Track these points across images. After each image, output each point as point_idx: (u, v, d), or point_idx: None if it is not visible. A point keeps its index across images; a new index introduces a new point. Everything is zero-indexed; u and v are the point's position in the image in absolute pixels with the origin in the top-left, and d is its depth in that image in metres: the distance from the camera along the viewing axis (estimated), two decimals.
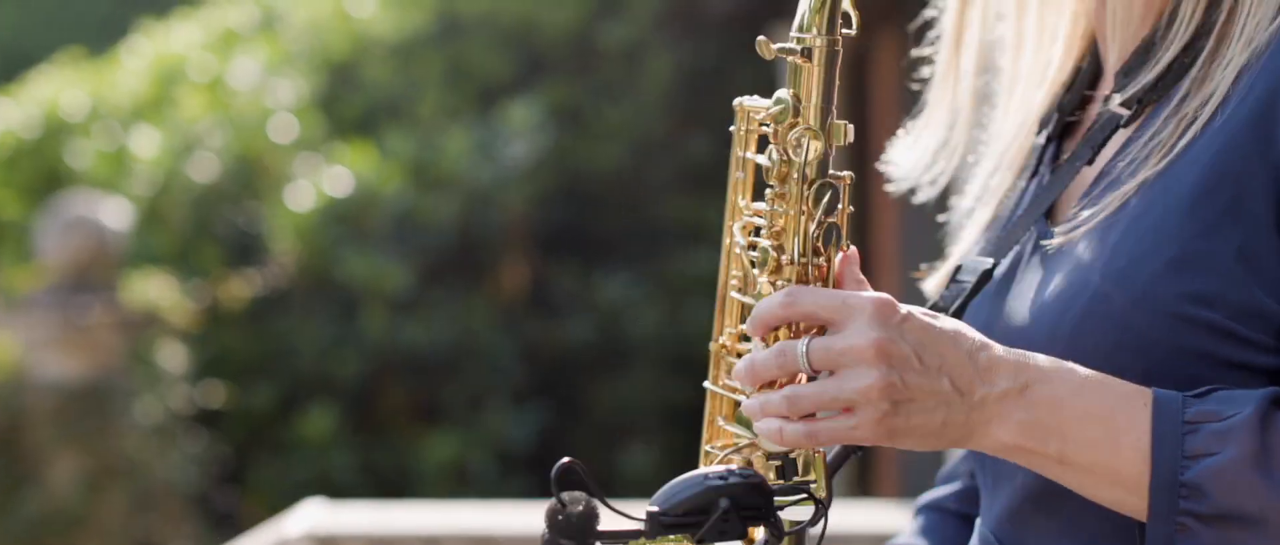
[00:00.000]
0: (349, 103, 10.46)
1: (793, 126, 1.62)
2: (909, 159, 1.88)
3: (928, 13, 1.88)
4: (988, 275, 1.71)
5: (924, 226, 8.60)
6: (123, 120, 10.52)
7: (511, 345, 9.83)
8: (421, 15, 10.60)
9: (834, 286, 1.63)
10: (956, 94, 1.86)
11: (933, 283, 1.85)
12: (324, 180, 9.78)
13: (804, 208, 1.61)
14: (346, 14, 10.73)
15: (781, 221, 1.62)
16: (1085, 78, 1.80)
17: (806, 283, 1.61)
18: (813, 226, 1.61)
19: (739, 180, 1.70)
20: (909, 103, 8.07)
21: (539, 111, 10.04)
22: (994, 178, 1.85)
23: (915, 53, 1.89)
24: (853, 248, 1.64)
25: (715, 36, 10.57)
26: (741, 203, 1.69)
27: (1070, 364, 1.58)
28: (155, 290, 9.12)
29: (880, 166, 1.76)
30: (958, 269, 1.75)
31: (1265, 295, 1.55)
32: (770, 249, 1.62)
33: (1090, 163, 1.69)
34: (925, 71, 1.89)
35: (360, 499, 9.43)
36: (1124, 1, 1.71)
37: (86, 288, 8.58)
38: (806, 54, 1.63)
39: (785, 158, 1.62)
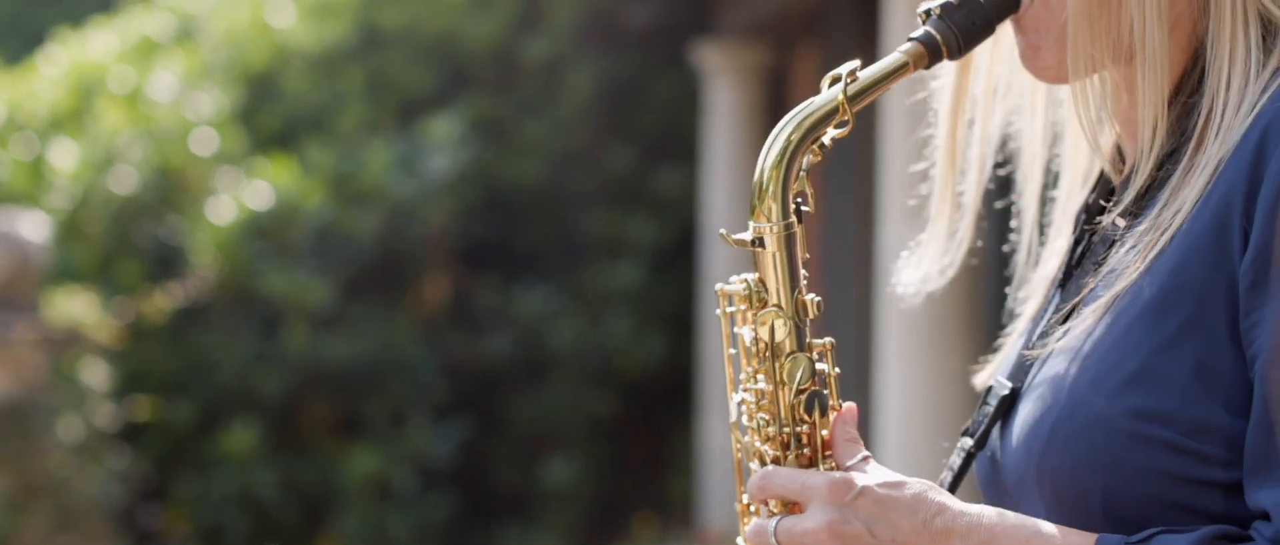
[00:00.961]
0: (269, 115, 10.44)
1: (763, 306, 1.68)
2: (916, 276, 1.93)
3: (924, 131, 1.92)
4: (1006, 402, 1.75)
5: (843, 227, 8.58)
6: (40, 131, 10.47)
7: (433, 359, 9.85)
8: (341, 27, 10.60)
9: (823, 448, 1.71)
10: (954, 208, 1.90)
11: (982, 376, 1.90)
12: (245, 194, 9.76)
13: (781, 380, 1.69)
14: (266, 25, 10.71)
15: (768, 395, 1.70)
16: (1108, 182, 1.82)
17: (788, 450, 1.70)
18: (791, 397, 1.69)
19: (732, 356, 1.76)
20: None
21: (460, 125, 10.06)
22: (1041, 272, 1.90)
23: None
24: (849, 405, 1.72)
25: (635, 50, 10.62)
26: (739, 376, 1.76)
27: (1025, 519, 1.63)
28: (78, 307, 9.08)
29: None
30: (987, 392, 1.79)
31: (1221, 409, 1.57)
32: (760, 421, 1.69)
33: (1094, 276, 1.72)
34: (923, 187, 1.93)
35: (283, 513, 9.45)
36: (1129, 117, 1.73)
37: (9, 305, 8.53)
38: (760, 242, 1.68)
39: (758, 337, 1.69)
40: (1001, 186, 2.01)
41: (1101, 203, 1.79)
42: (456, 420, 9.81)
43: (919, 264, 1.93)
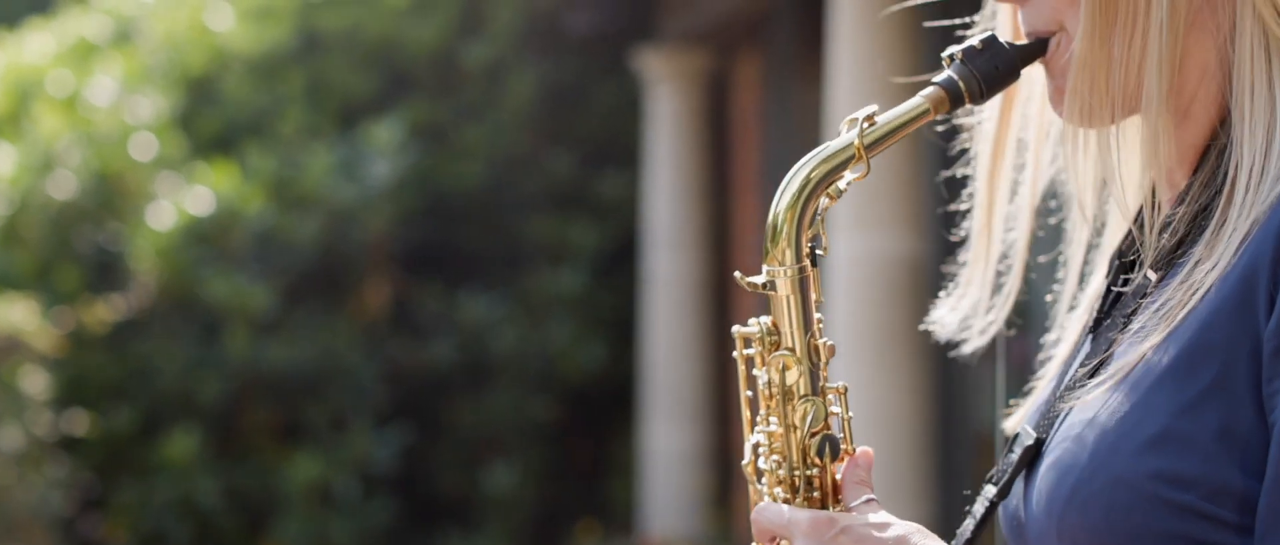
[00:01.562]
0: (208, 119, 10.39)
1: (775, 349, 1.69)
2: (953, 319, 1.91)
3: (962, 169, 1.91)
4: (1030, 452, 1.73)
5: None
6: None
7: (374, 365, 9.83)
8: (281, 31, 10.55)
9: (834, 491, 1.71)
10: (991, 254, 1.89)
11: (1012, 420, 1.89)
12: (185, 199, 9.71)
13: (793, 423, 1.70)
14: (205, 27, 10.65)
15: (780, 437, 1.72)
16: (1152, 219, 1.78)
17: (798, 492, 1.71)
18: (803, 439, 1.70)
19: (748, 398, 1.76)
20: (769, 119, 8.22)
21: (401, 130, 10.04)
22: (1073, 317, 1.89)
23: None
24: (863, 450, 1.71)
25: (577, 55, 10.61)
26: (757, 418, 1.76)
27: None
28: (17, 314, 9.02)
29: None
30: (1014, 439, 1.78)
31: (1239, 473, 1.56)
32: (773, 463, 1.71)
33: (1123, 330, 1.69)
34: (963, 228, 1.92)
35: (224, 520, 9.41)
36: (1168, 167, 1.71)
37: None
38: (772, 286, 1.69)
39: (771, 380, 1.70)
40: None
41: (1131, 253, 1.77)
42: (398, 426, 9.79)
43: (957, 307, 1.91)
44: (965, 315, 1.91)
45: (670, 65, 9.89)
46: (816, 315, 1.71)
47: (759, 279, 1.71)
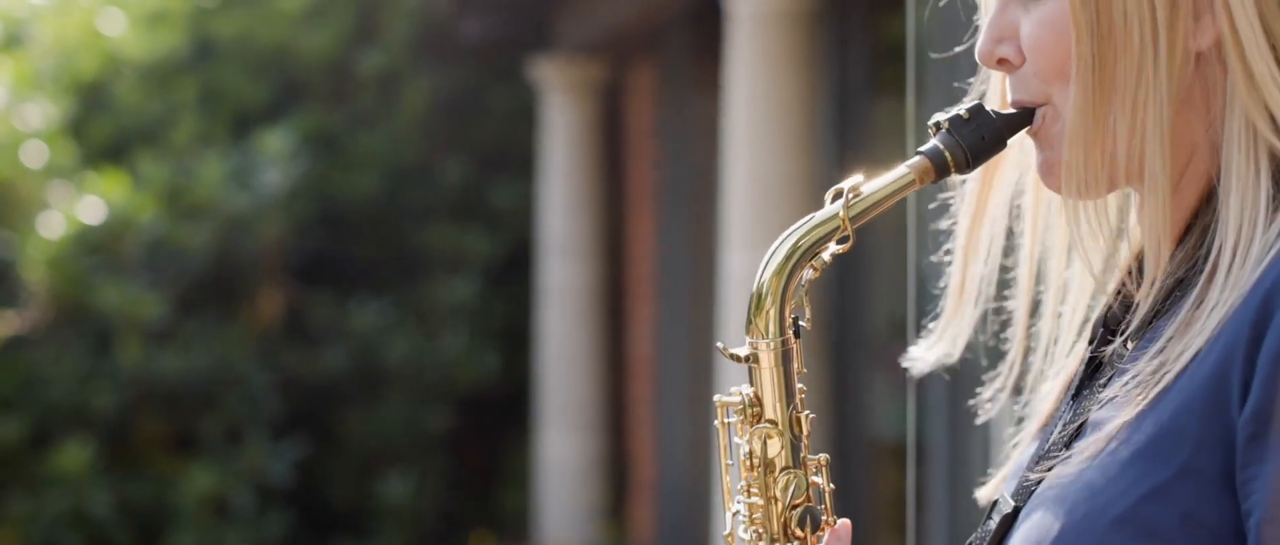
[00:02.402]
0: (100, 126, 10.31)
1: (757, 421, 1.70)
2: (930, 356, 1.92)
3: (943, 223, 1.91)
4: (1007, 521, 1.71)
5: (679, 244, 8.66)
6: None
7: (268, 375, 9.79)
8: (174, 37, 10.49)
9: None
10: (961, 311, 1.89)
11: (990, 487, 1.90)
12: (76, 207, 9.64)
13: (774, 495, 1.70)
14: (97, 33, 10.57)
15: (761, 509, 1.72)
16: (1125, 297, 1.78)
17: None
18: (783, 511, 1.71)
19: (728, 467, 1.76)
20: (664, 130, 8.24)
21: (295, 138, 10.00)
22: (1047, 386, 1.89)
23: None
24: (843, 521, 1.72)
25: (470, 63, 10.61)
26: (735, 487, 1.77)
27: None
28: None
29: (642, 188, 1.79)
30: (993, 506, 1.79)
31: None
32: (753, 534, 1.72)
33: (1097, 399, 1.68)
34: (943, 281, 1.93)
35: (118, 532, 9.34)
36: (1151, 238, 1.69)
37: None
38: (755, 359, 1.69)
39: (752, 451, 1.71)
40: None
41: (1114, 319, 1.76)
42: (292, 437, 9.75)
43: (934, 347, 1.92)
44: (938, 356, 1.92)
45: (565, 75, 9.90)
46: (799, 387, 1.72)
47: (742, 351, 1.71)
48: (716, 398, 1.74)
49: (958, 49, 1.91)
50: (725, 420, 1.74)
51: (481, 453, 10.51)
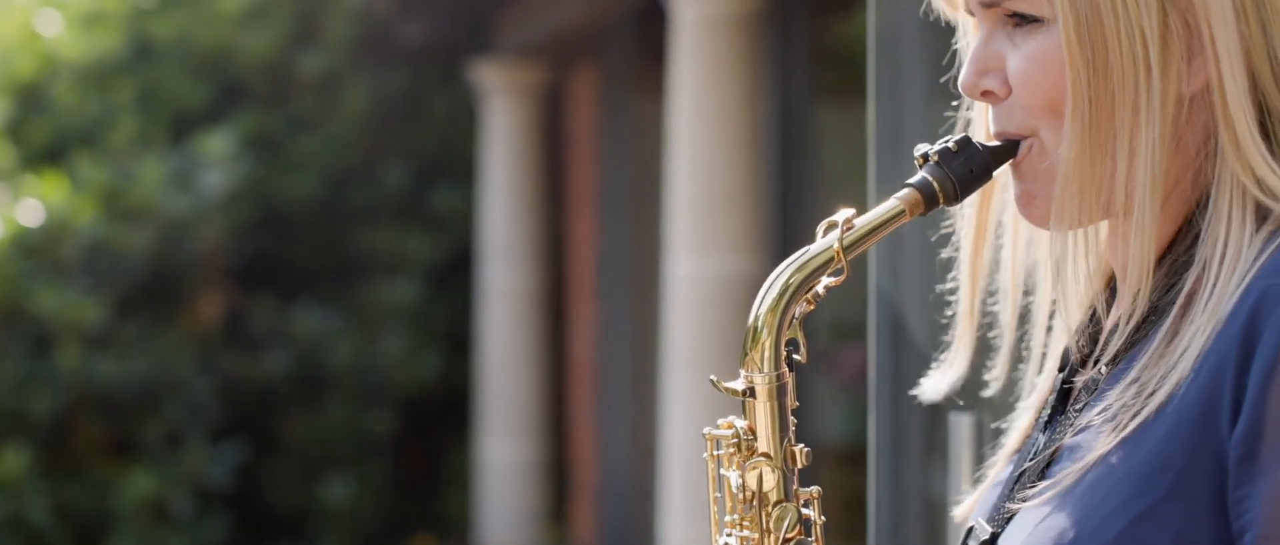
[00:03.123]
0: (38, 128, 10.25)
1: (751, 455, 1.71)
2: (941, 387, 1.92)
3: (945, 252, 1.91)
4: None
5: (620, 247, 8.64)
6: None
7: (208, 379, 9.75)
8: (112, 38, 10.43)
9: None
10: (973, 336, 1.89)
11: (963, 508, 1.90)
12: (14, 210, 9.58)
13: (767, 528, 1.71)
14: (34, 33, 10.50)
15: (754, 542, 1.73)
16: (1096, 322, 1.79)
17: None
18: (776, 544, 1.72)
19: (718, 498, 1.76)
20: (605, 133, 8.21)
21: (235, 141, 9.95)
22: (1023, 404, 1.89)
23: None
24: None
25: (410, 66, 10.59)
26: (725, 519, 1.76)
27: None
28: None
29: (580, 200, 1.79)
30: (969, 533, 1.79)
31: None
32: None
33: (1073, 426, 1.70)
34: (950, 310, 1.93)
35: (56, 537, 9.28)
36: (1125, 265, 1.71)
37: None
38: (751, 393, 1.69)
39: (746, 485, 1.71)
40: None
41: (1086, 345, 1.77)
42: (233, 441, 9.71)
43: (945, 376, 1.92)
44: (948, 388, 1.92)
45: (506, 78, 9.89)
46: (792, 420, 1.72)
47: (738, 385, 1.71)
48: (705, 430, 1.74)
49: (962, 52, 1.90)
50: (714, 453, 1.74)
51: (422, 456, 10.49)
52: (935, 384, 1.90)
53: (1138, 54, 1.63)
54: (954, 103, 1.91)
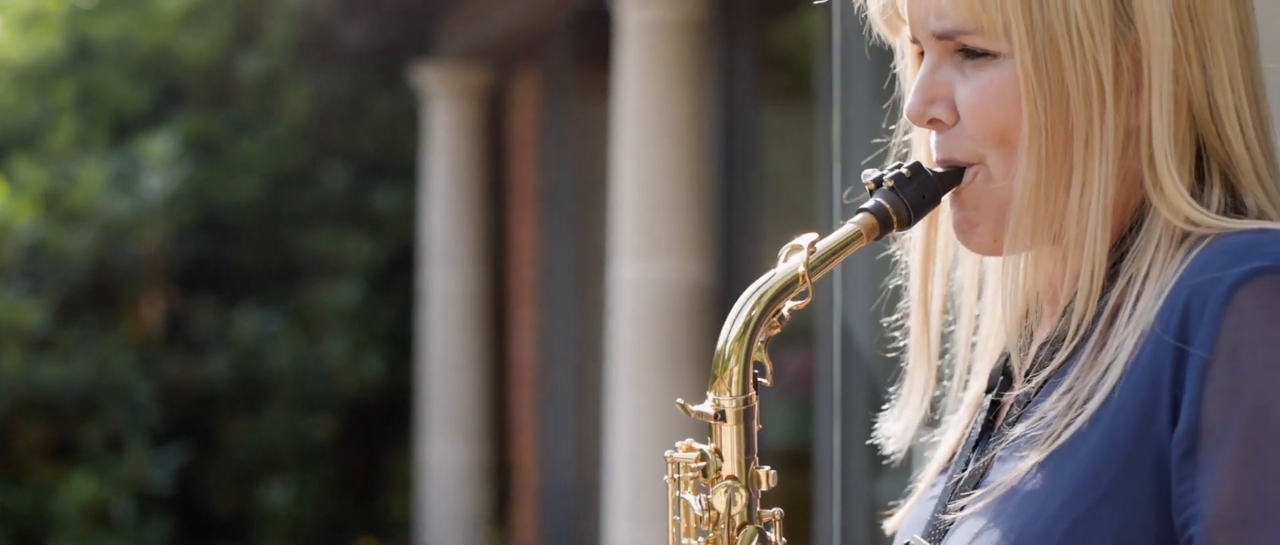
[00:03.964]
0: None
1: (717, 479, 1.72)
2: (898, 429, 1.94)
3: (895, 281, 1.94)
4: None
5: (562, 249, 8.61)
6: None
7: (149, 383, 9.71)
8: (51, 39, 10.39)
9: None
10: (932, 357, 1.92)
11: (892, 522, 1.92)
12: None
13: None
14: None
15: None
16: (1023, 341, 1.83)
17: None
18: None
19: (676, 522, 1.77)
20: (547, 136, 8.21)
21: (175, 143, 9.92)
22: (951, 420, 1.92)
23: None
24: None
25: (352, 68, 10.57)
26: (684, 542, 1.78)
27: None
28: None
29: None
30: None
31: None
32: None
33: (1007, 439, 1.73)
34: (902, 339, 1.95)
35: None
36: (1056, 286, 1.75)
37: None
38: (722, 416, 1.71)
39: (712, 507, 1.73)
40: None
41: (1011, 366, 1.80)
42: (174, 444, 9.68)
43: (901, 417, 1.94)
44: (908, 426, 1.94)
45: (448, 80, 9.89)
46: (756, 445, 1.74)
47: (706, 408, 1.73)
48: (667, 454, 1.77)
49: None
50: (675, 476, 1.76)
51: (364, 459, 10.48)
52: (892, 430, 1.93)
53: (1092, 88, 1.67)
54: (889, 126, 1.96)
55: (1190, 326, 1.60)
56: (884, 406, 1.97)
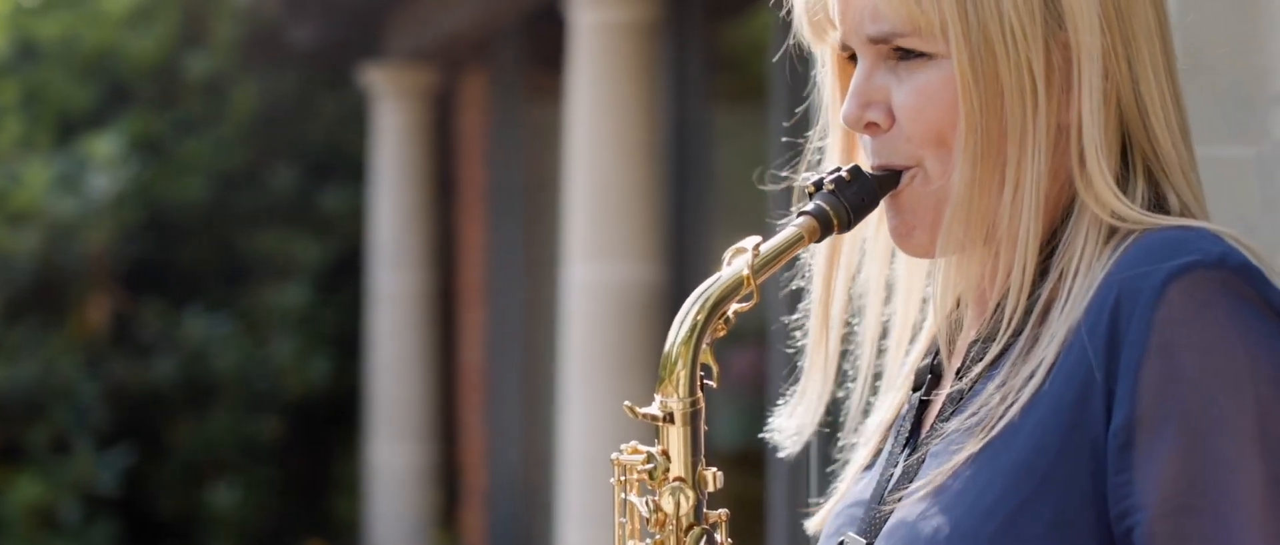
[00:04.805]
0: None
1: (664, 481, 1.73)
2: (792, 425, 1.96)
3: (796, 281, 1.95)
4: None
5: (510, 251, 8.60)
6: None
7: (96, 384, 9.66)
8: None
9: None
10: (829, 359, 1.94)
11: (814, 521, 1.94)
12: None
13: None
14: None
15: None
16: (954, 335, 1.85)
17: None
18: None
19: (622, 524, 1.78)
20: (494, 137, 8.22)
21: (121, 143, 9.87)
22: (872, 421, 1.93)
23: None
24: None
25: (299, 68, 10.54)
26: (629, 544, 1.79)
27: None
28: None
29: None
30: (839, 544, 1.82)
31: None
32: None
33: (939, 434, 1.75)
34: (799, 338, 1.96)
35: None
36: (983, 289, 1.77)
37: None
38: (670, 418, 1.72)
39: (659, 508, 1.73)
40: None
41: (938, 366, 1.83)
42: (120, 446, 9.63)
43: (794, 414, 1.96)
44: (802, 424, 1.96)
45: (396, 81, 9.87)
46: (703, 446, 1.75)
47: (654, 410, 1.74)
48: (613, 456, 1.78)
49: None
50: (621, 478, 1.77)
51: (311, 461, 10.45)
52: (784, 426, 1.95)
53: (1026, 86, 1.70)
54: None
55: (1121, 321, 1.63)
56: (780, 403, 1.99)
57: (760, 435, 1.99)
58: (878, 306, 1.91)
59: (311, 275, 10.23)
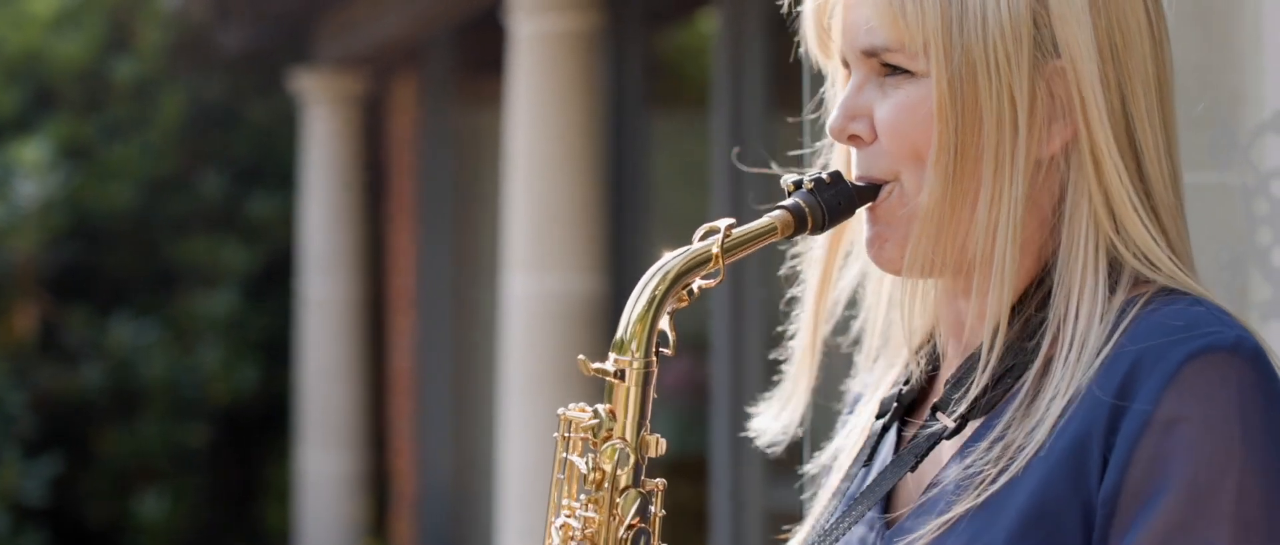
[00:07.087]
0: None
1: (608, 439, 1.73)
2: (775, 428, 1.96)
3: (791, 292, 1.96)
4: None
5: (440, 258, 8.60)
6: None
7: (22, 393, 9.57)
8: None
9: None
10: (814, 372, 1.94)
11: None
12: None
13: (614, 513, 1.73)
14: None
15: (594, 525, 1.74)
16: (926, 368, 1.86)
17: None
18: (621, 531, 1.74)
19: (559, 481, 1.77)
20: (425, 143, 8.20)
21: (48, 149, 9.78)
22: (844, 445, 1.94)
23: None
24: None
25: (228, 72, 10.47)
26: (563, 502, 1.77)
27: None
28: None
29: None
30: None
31: None
32: None
33: (913, 470, 1.76)
34: (789, 345, 1.97)
35: None
36: (958, 322, 1.78)
37: None
38: (620, 376, 1.72)
39: (598, 467, 1.72)
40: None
41: (910, 396, 1.84)
42: (47, 455, 9.55)
43: (779, 416, 1.96)
44: (785, 425, 1.95)
45: (326, 87, 9.82)
46: (650, 412, 1.75)
47: (608, 366, 1.72)
48: (560, 412, 1.77)
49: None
50: (565, 434, 1.77)
51: (240, 468, 10.38)
52: (767, 426, 1.96)
53: (1005, 114, 1.70)
54: (789, 118, 1.98)
55: (1131, 391, 1.64)
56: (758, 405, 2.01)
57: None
58: (881, 322, 1.93)
59: (240, 281, 10.17)
